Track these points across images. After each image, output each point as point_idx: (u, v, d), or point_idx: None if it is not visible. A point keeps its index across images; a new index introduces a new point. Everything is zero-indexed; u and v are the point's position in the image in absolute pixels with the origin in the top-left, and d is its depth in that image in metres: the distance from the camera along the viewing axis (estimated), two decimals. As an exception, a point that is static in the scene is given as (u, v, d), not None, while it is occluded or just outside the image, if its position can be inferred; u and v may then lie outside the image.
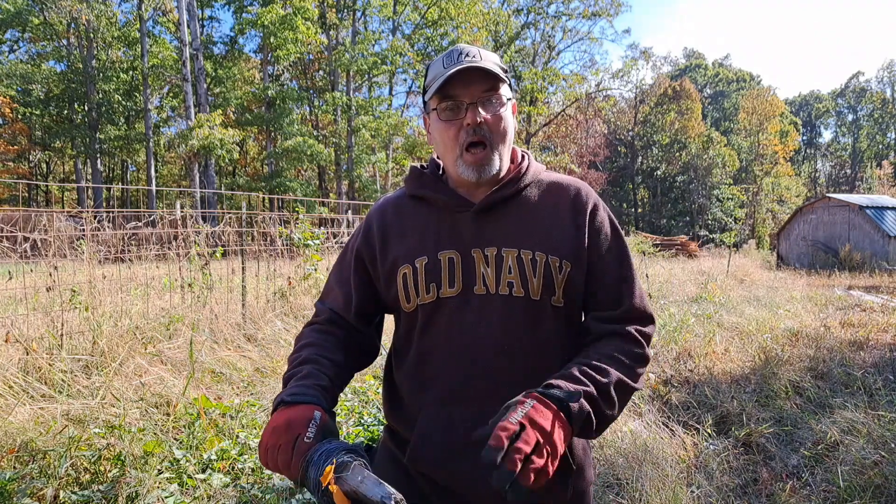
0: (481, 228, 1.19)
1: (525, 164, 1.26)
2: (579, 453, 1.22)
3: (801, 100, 65.55)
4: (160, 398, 3.50)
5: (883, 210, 18.76)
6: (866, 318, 7.66)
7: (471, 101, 1.14)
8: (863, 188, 48.91)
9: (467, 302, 1.17)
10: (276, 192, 26.17)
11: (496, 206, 1.20)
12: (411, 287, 1.20)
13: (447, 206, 1.22)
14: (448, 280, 1.18)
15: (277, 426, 1.00)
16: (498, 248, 1.17)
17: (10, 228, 4.52)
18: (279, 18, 25.28)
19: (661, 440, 3.51)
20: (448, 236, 1.21)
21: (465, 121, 1.14)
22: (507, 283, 1.15)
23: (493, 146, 1.16)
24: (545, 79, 35.11)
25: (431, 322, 1.20)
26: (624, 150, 46.81)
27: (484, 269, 1.17)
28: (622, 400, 1.09)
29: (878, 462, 3.08)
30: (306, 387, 1.07)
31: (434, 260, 1.19)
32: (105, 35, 27.61)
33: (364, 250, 1.28)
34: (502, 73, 1.16)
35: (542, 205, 1.21)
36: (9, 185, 24.45)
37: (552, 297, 1.15)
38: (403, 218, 1.27)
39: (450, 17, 29.80)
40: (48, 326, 4.16)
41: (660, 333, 5.81)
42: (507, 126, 1.18)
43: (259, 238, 6.71)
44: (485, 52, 1.17)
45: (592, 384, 1.05)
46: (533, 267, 1.15)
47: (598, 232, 1.20)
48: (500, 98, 1.16)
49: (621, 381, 1.09)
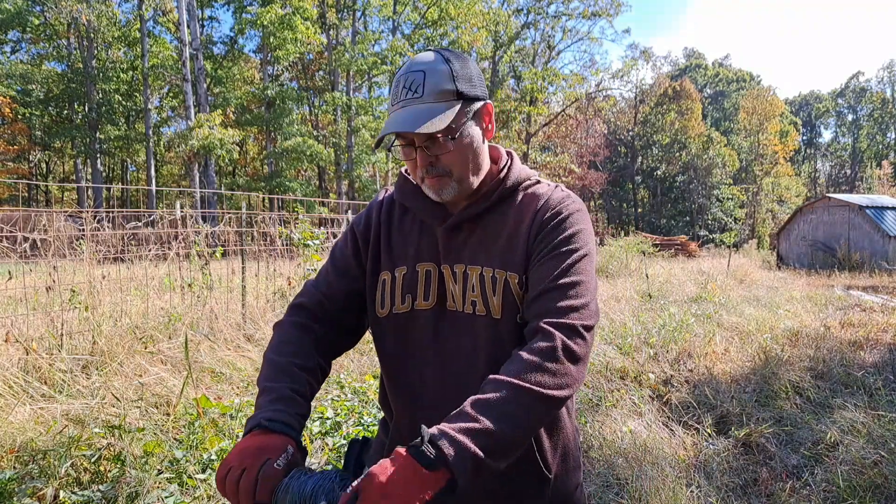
0: (451, 244, 1.18)
1: (505, 172, 1.20)
2: (556, 461, 1.18)
3: (801, 100, 65.56)
4: (160, 398, 3.50)
5: (883, 210, 18.76)
6: (866, 318, 7.66)
7: (420, 144, 1.10)
8: (863, 188, 48.91)
9: (440, 316, 1.17)
10: (276, 192, 26.19)
11: (466, 223, 1.18)
12: (388, 295, 1.20)
13: (426, 217, 1.21)
14: (423, 293, 1.18)
15: (247, 448, 0.95)
16: (465, 265, 1.16)
17: (10, 228, 4.52)
18: (278, 18, 25.29)
19: (661, 440, 3.51)
20: (427, 249, 1.20)
21: (417, 161, 1.11)
22: (471, 302, 1.14)
23: (452, 175, 1.12)
24: (545, 79, 35.10)
25: (402, 332, 1.20)
26: (624, 150, 46.81)
27: (452, 286, 1.17)
28: (525, 415, 0.94)
29: (877, 462, 3.08)
30: (288, 414, 1.02)
31: (412, 271, 1.20)
32: (105, 35, 27.62)
33: (361, 237, 1.28)
34: (452, 98, 1.08)
35: (511, 220, 1.17)
36: (9, 185, 24.46)
37: (517, 315, 1.12)
38: (392, 221, 1.27)
39: (450, 17, 29.81)
40: (48, 326, 4.16)
41: (660, 333, 5.81)
42: (467, 152, 1.12)
43: (259, 238, 6.71)
44: (434, 73, 1.08)
45: (473, 419, 0.91)
46: (493, 285, 1.13)
47: (549, 234, 1.12)
48: (452, 132, 1.09)
49: (518, 395, 0.94)
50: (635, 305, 8.11)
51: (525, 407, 0.94)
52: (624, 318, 6.82)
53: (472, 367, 1.13)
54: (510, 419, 0.92)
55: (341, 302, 1.25)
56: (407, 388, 1.20)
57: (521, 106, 34.63)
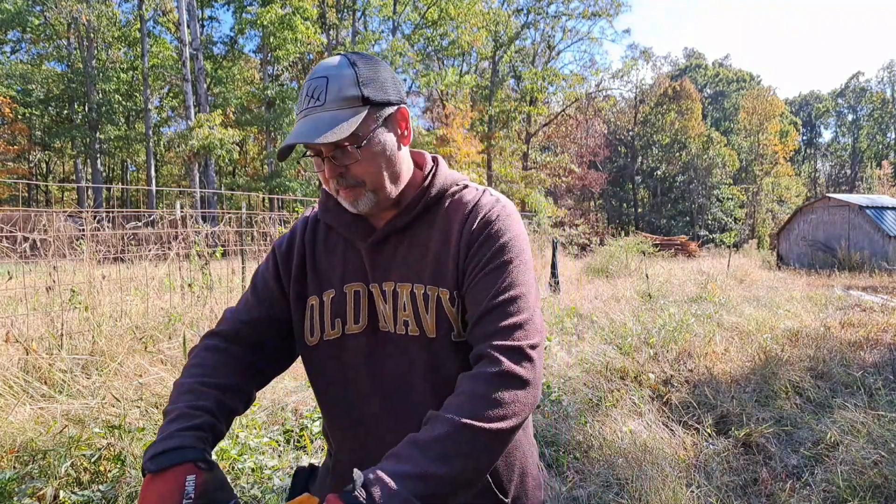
0: (378, 261, 1.11)
1: (430, 180, 1.12)
2: (514, 483, 1.12)
3: (801, 100, 65.55)
4: (160, 398, 3.50)
5: (883, 210, 18.76)
6: (866, 318, 7.66)
7: (327, 154, 1.03)
8: (863, 188, 48.89)
9: (373, 339, 1.10)
10: (276, 192, 26.17)
11: (391, 237, 1.10)
12: (317, 321, 1.13)
13: (349, 234, 1.13)
14: (354, 316, 1.11)
15: None
16: (394, 283, 1.08)
17: (10, 228, 4.52)
18: (278, 18, 25.30)
19: (661, 440, 3.51)
20: (353, 268, 1.13)
21: (326, 173, 1.04)
22: (403, 322, 1.07)
23: (366, 186, 1.05)
24: (545, 79, 35.10)
25: (335, 359, 1.12)
26: (624, 150, 46.81)
27: (383, 305, 1.09)
28: (470, 454, 0.88)
29: (877, 462, 3.08)
30: (180, 436, 0.93)
31: (340, 293, 1.12)
32: (105, 35, 27.64)
33: (282, 261, 1.20)
34: (358, 104, 1.01)
35: (438, 230, 1.09)
36: (9, 184, 24.45)
37: (452, 333, 1.05)
38: (316, 242, 1.19)
39: (450, 17, 29.81)
40: (48, 326, 4.16)
41: (660, 333, 5.81)
42: (378, 160, 1.04)
43: (259, 238, 6.71)
44: (337, 79, 1.00)
45: (409, 461, 0.86)
46: (425, 303, 1.05)
47: (480, 248, 1.04)
48: (358, 139, 1.01)
49: (461, 432, 0.88)
50: (635, 305, 8.11)
51: (468, 445, 0.88)
52: (624, 318, 6.82)
53: (410, 390, 1.07)
54: (451, 460, 0.86)
55: (262, 330, 1.16)
56: (345, 418, 1.13)
57: (521, 106, 34.63)
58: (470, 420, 0.89)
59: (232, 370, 1.10)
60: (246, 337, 1.15)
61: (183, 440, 0.92)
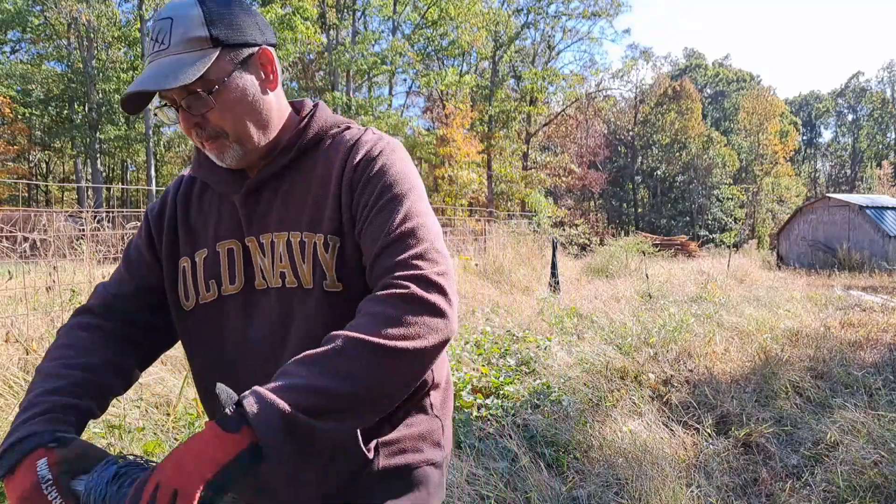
0: (253, 213, 1.03)
1: (306, 122, 1.05)
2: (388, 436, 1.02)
3: (801, 100, 65.56)
4: (160, 398, 3.50)
5: (883, 210, 18.76)
6: (866, 318, 7.66)
7: (180, 103, 0.94)
8: (863, 188, 48.89)
9: (250, 299, 1.02)
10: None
11: (267, 185, 1.03)
12: (190, 284, 1.05)
13: (222, 188, 1.05)
14: (229, 275, 1.03)
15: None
16: (271, 233, 1.01)
17: (10, 228, 4.52)
18: (278, 18, 25.29)
19: (661, 440, 3.51)
20: (228, 224, 1.05)
21: (181, 126, 0.96)
22: (280, 274, 0.99)
23: (229, 137, 0.98)
24: (545, 79, 35.09)
25: (213, 324, 1.04)
26: (624, 150, 46.81)
27: (261, 259, 1.01)
28: (365, 369, 0.80)
29: (877, 462, 3.08)
30: (23, 428, 0.85)
31: (213, 252, 1.04)
32: (105, 35, 27.63)
33: (154, 225, 1.12)
34: (207, 45, 0.92)
35: (317, 174, 1.02)
36: (9, 185, 24.45)
37: (324, 282, 0.97)
38: (190, 201, 1.11)
39: (450, 17, 29.79)
40: (48, 326, 4.16)
41: (660, 333, 5.81)
42: (238, 107, 0.96)
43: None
44: (182, 20, 0.92)
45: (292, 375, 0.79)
46: (301, 251, 0.98)
47: (366, 187, 0.97)
48: (209, 84, 0.92)
49: (354, 346, 0.81)
50: (635, 305, 8.11)
51: (363, 360, 0.80)
52: (624, 318, 6.82)
53: (285, 349, 0.97)
54: (343, 375, 0.79)
55: (134, 299, 1.08)
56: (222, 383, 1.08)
57: (521, 106, 34.62)
58: (366, 335, 0.81)
59: (102, 346, 1.01)
60: (118, 311, 1.07)
61: (28, 429, 0.84)
